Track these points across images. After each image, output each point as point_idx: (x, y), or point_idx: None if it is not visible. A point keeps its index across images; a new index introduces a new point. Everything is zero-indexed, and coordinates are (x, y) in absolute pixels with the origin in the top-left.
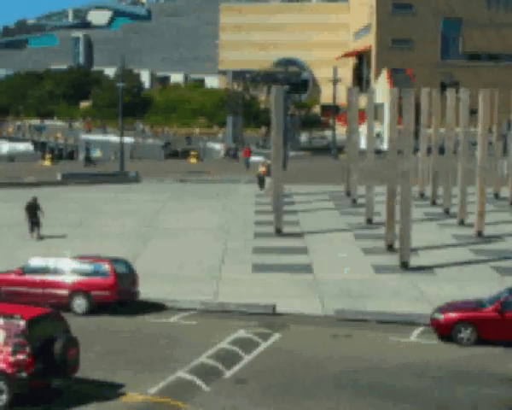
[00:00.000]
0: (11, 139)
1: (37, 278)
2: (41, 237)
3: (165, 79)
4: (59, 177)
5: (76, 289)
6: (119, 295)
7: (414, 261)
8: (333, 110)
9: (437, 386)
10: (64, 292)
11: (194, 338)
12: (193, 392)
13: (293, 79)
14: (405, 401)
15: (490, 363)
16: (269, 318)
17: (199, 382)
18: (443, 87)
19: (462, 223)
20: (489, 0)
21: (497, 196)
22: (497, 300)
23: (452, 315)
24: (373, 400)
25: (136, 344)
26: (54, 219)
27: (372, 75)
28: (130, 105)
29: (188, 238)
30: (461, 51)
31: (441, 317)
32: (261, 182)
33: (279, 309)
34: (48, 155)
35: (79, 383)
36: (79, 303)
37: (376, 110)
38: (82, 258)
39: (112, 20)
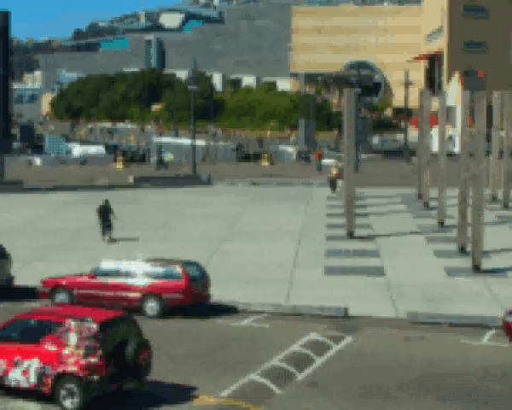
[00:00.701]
0: (83, 142)
1: (109, 280)
2: (113, 240)
3: (237, 82)
4: (131, 180)
5: (148, 292)
6: (191, 298)
7: (486, 264)
8: (405, 113)
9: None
10: (136, 295)
11: (267, 341)
12: (265, 395)
13: (366, 82)
14: (488, 404)
15: None
16: (341, 320)
17: (271, 385)
18: None
19: None
20: None
21: None
22: None
23: None
24: (455, 404)
25: (207, 347)
26: (126, 221)
27: (444, 78)
28: (203, 108)
29: (260, 241)
30: None
31: None
32: (333, 185)
33: (351, 312)
34: (120, 158)
35: (151, 385)
36: (151, 306)
37: (448, 113)
38: (154, 261)
39: (184, 23)
